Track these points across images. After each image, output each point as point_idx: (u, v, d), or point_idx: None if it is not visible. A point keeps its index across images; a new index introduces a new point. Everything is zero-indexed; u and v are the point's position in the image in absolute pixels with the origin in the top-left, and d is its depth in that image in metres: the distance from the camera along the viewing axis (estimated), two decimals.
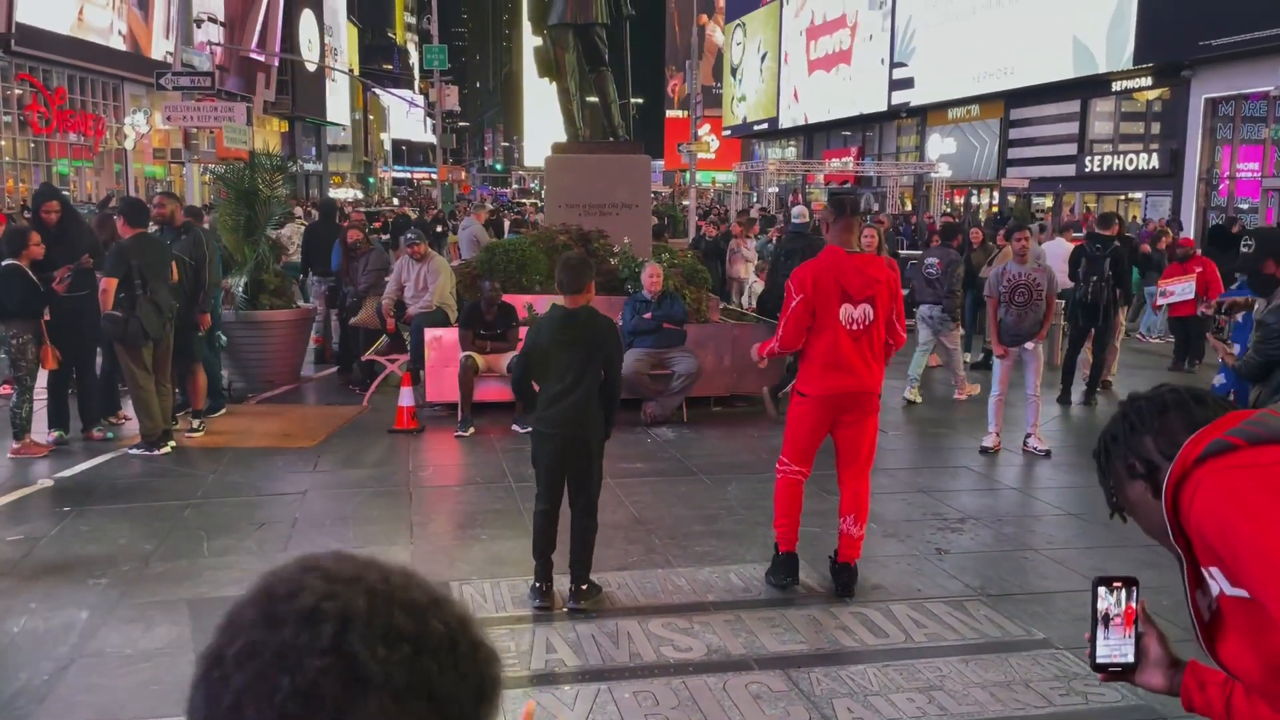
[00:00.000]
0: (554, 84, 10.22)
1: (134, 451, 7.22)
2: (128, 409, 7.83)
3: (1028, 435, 7.69)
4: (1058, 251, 10.70)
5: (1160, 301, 9.37)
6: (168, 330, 7.15)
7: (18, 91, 27.90)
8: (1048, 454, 7.53)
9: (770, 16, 45.22)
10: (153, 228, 7.68)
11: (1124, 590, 1.60)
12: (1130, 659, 1.60)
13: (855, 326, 4.78)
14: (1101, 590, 1.60)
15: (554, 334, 4.67)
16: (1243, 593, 1.38)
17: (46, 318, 7.13)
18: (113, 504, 6.14)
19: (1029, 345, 7.55)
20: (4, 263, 6.90)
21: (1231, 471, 1.38)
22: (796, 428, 4.89)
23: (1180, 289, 8.79)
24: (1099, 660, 1.60)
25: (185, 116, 14.55)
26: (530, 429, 7.67)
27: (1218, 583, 1.43)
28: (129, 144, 32.40)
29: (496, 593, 4.83)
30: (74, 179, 30.37)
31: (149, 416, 7.12)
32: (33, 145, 29.19)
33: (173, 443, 7.31)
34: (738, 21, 50.29)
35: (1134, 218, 22.44)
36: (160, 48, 32.84)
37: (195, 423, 7.90)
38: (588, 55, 10.11)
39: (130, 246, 7.01)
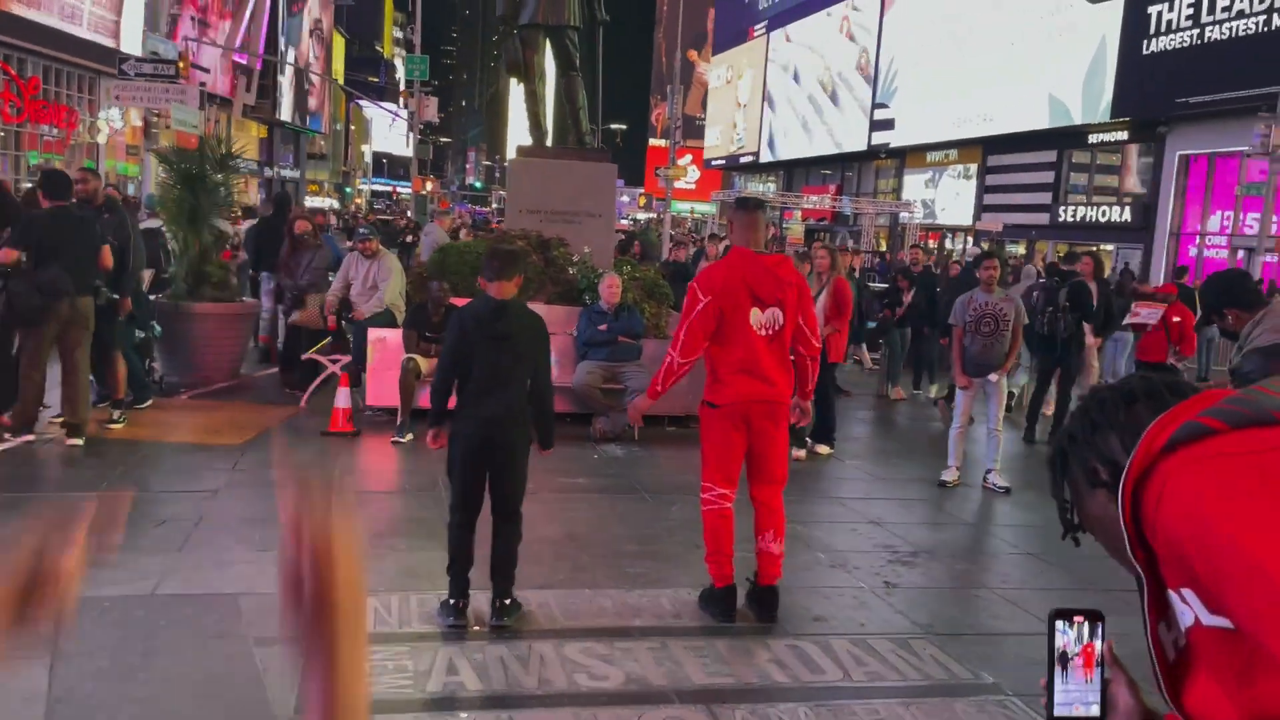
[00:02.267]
0: (522, 85, 9.91)
1: (28, 437, 6.74)
2: (51, 396, 7.35)
3: (988, 471, 7.41)
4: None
5: (1128, 320, 9.41)
6: (53, 313, 6.52)
7: None
8: (1007, 491, 7.24)
9: (755, 51, 45.48)
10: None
11: (1086, 625, 1.26)
12: (1095, 711, 1.25)
13: (766, 331, 4.48)
14: (1060, 625, 1.26)
15: (481, 327, 4.29)
16: (1224, 622, 1.04)
17: None
18: (6, 493, 5.68)
19: (992, 377, 7.29)
20: None
21: (1209, 462, 1.04)
22: (712, 442, 4.56)
23: (1147, 313, 8.93)
24: (1058, 712, 1.25)
25: (135, 96, 14.10)
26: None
27: (1191, 609, 1.09)
28: (101, 139, 31.76)
29: (404, 607, 4.42)
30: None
31: (21, 400, 6.65)
32: (2, 134, 28.53)
33: (80, 438, 6.81)
34: (724, 55, 50.57)
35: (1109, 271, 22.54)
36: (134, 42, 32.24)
37: (115, 414, 7.43)
38: (559, 58, 9.82)
39: (34, 219, 6.51)
